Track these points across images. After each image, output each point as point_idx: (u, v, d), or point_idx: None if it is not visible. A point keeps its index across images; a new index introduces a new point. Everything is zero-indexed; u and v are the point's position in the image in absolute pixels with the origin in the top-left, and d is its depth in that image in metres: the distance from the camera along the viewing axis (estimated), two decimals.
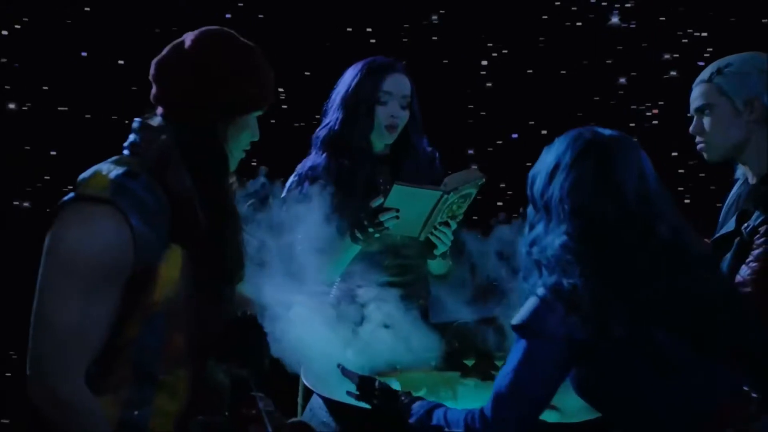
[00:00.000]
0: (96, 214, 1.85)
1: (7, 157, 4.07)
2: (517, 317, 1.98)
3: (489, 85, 4.57)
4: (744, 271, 2.34)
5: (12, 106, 4.26)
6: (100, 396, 1.88)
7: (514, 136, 4.55)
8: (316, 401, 2.48)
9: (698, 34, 4.48)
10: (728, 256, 2.41)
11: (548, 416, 2.32)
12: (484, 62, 4.55)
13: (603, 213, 1.93)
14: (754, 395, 2.04)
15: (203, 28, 2.06)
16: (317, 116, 3.12)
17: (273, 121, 3.74)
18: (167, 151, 1.96)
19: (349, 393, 2.29)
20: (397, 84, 2.96)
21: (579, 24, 4.54)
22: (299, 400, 2.92)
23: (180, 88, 1.99)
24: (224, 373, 2.05)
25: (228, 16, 4.36)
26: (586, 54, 4.54)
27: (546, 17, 4.54)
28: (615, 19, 4.49)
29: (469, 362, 2.72)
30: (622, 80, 4.50)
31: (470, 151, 4.51)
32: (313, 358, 2.45)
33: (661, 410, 1.96)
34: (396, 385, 2.46)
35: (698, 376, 1.96)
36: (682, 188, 4.32)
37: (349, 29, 4.45)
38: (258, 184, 2.41)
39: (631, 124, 4.52)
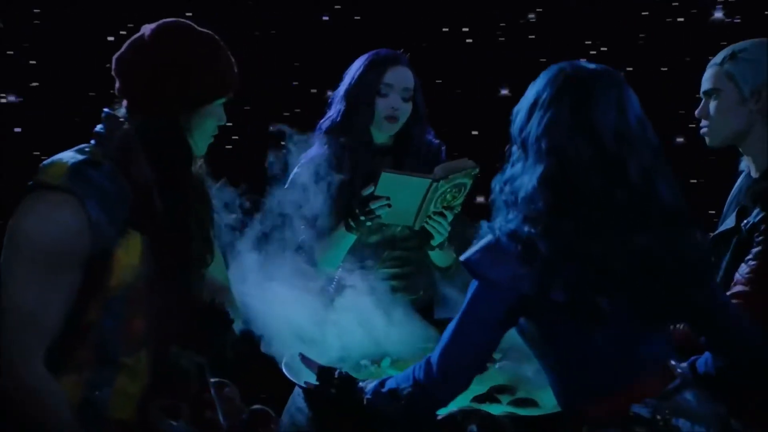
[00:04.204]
0: (52, 201, 1.90)
1: None
2: (466, 253, 1.93)
3: None
4: (743, 269, 2.27)
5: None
6: (63, 377, 1.94)
7: None
8: (297, 388, 2.50)
9: None
10: (727, 253, 2.35)
11: (528, 411, 2.31)
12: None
13: (577, 153, 1.85)
14: (680, 370, 1.99)
15: (161, 21, 2.07)
16: None
17: None
18: (129, 140, 1.99)
19: (307, 383, 2.24)
20: (399, 77, 2.96)
21: (680, 20, 4.45)
22: None
23: (140, 81, 2.02)
24: (188, 359, 2.07)
25: (325, 18, 4.41)
26: (688, 50, 4.43)
27: (646, 13, 4.46)
28: (718, 14, 4.39)
29: None
30: None
31: None
32: (294, 345, 2.46)
33: (590, 367, 1.93)
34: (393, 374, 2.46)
35: (632, 341, 1.92)
36: None
37: (446, 29, 4.45)
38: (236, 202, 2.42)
39: None
